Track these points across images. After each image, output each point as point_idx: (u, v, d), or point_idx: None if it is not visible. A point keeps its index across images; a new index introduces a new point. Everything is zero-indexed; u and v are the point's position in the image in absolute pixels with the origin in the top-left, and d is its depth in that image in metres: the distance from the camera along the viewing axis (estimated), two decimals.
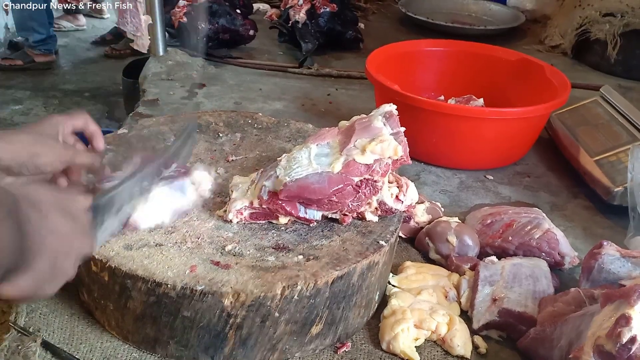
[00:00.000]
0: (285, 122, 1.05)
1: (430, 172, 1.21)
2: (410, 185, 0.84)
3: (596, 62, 1.82)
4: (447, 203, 1.10)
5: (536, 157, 1.30)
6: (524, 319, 0.79)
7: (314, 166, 0.77)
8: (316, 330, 0.73)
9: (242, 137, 1.00)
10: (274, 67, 1.70)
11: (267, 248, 0.75)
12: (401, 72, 1.33)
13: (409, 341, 0.76)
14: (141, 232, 0.74)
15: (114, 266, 0.68)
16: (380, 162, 0.77)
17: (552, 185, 1.21)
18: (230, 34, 1.76)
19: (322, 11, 1.76)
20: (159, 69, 1.61)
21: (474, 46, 1.44)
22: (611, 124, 1.21)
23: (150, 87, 1.52)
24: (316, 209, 0.78)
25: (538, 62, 1.35)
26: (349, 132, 0.81)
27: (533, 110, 1.17)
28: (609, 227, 1.08)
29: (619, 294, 0.65)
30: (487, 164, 1.24)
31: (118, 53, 3.70)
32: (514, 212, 0.97)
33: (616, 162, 1.11)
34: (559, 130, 1.28)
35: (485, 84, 1.38)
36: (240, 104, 1.47)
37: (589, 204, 1.15)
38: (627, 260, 0.80)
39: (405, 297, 0.82)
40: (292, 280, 0.68)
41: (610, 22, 1.74)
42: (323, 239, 0.77)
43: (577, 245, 0.98)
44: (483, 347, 0.78)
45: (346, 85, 1.63)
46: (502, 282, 0.83)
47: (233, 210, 0.78)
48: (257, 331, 0.69)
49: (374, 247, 0.76)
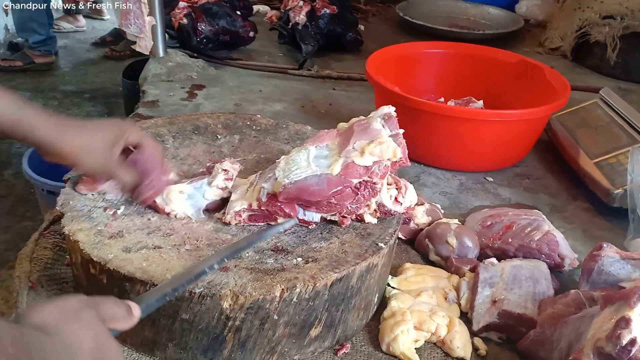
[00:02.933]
0: (284, 124, 1.05)
1: (430, 174, 1.21)
2: (409, 187, 0.84)
3: (596, 65, 1.82)
4: (447, 205, 1.10)
5: (536, 159, 1.30)
6: (524, 321, 0.78)
7: (313, 168, 0.77)
8: (315, 332, 0.73)
9: (241, 139, 1.00)
10: (274, 69, 1.70)
11: (266, 250, 0.74)
12: (401, 74, 1.33)
13: (409, 343, 0.76)
14: (139, 234, 0.74)
15: (113, 269, 0.68)
16: (379, 164, 0.77)
17: (551, 187, 1.21)
18: (230, 36, 1.76)
19: (322, 13, 1.76)
20: (159, 70, 1.61)
21: (474, 48, 1.44)
22: (611, 126, 1.21)
23: (150, 88, 1.52)
24: (315, 211, 0.78)
25: (538, 65, 1.35)
26: (347, 134, 0.81)
27: (533, 112, 1.17)
28: (609, 229, 1.08)
29: (618, 296, 0.65)
30: (487, 166, 1.24)
31: (118, 54, 3.71)
32: (513, 214, 0.97)
33: (616, 164, 1.11)
34: (558, 133, 1.28)
35: (486, 86, 1.38)
36: (240, 105, 1.47)
37: (589, 206, 1.15)
38: (627, 262, 0.80)
39: (404, 298, 0.82)
40: (291, 282, 0.68)
41: (610, 25, 1.74)
42: (322, 241, 0.77)
43: (576, 247, 0.98)
44: (483, 348, 0.78)
45: (346, 87, 1.63)
46: (501, 283, 0.83)
47: (232, 212, 0.78)
48: (255, 334, 0.69)
49: (373, 249, 0.76)
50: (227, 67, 1.70)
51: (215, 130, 1.01)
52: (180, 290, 0.64)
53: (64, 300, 0.52)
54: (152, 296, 0.61)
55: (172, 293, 0.62)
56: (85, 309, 0.52)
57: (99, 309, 0.53)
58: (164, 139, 0.97)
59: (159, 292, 0.62)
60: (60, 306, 0.51)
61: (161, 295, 0.61)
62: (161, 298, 0.61)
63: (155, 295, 0.61)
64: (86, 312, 0.52)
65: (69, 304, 0.52)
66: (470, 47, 1.45)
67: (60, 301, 0.52)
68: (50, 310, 0.50)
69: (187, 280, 0.64)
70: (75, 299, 0.53)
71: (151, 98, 1.47)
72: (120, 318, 0.56)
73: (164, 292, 0.62)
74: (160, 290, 0.62)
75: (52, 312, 0.50)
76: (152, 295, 0.61)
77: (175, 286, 0.63)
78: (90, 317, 0.52)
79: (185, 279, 0.64)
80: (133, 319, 0.57)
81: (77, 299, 0.53)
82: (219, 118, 1.05)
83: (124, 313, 0.56)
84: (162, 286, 0.63)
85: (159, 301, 0.61)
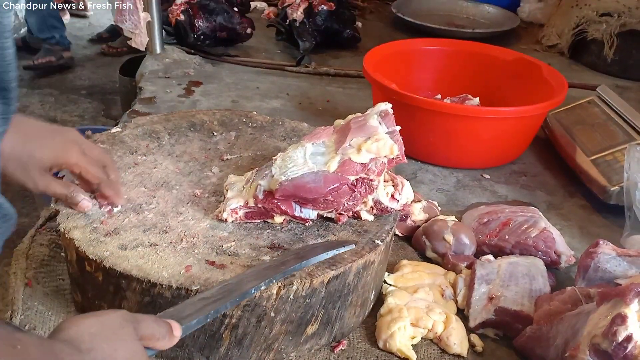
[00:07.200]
0: (281, 121, 1.05)
1: (427, 171, 1.21)
2: (405, 184, 0.83)
3: (593, 62, 1.82)
4: (444, 202, 1.10)
5: (533, 156, 1.30)
6: (520, 318, 0.79)
7: (310, 165, 0.77)
8: (312, 329, 0.73)
9: (237, 135, 1.00)
10: (271, 66, 1.69)
11: (263, 247, 0.74)
12: (398, 71, 1.33)
13: (406, 339, 0.76)
14: (135, 232, 0.74)
15: (108, 266, 0.68)
16: (376, 161, 0.77)
17: (548, 184, 1.21)
18: (227, 32, 1.76)
19: (319, 10, 1.76)
20: (155, 67, 1.61)
21: (471, 45, 1.44)
22: (608, 123, 1.21)
23: (147, 85, 1.51)
24: (312, 208, 0.78)
25: (535, 62, 1.35)
26: (344, 131, 0.81)
27: (530, 109, 1.17)
28: (605, 226, 1.08)
29: (614, 293, 0.65)
30: (484, 163, 1.24)
31: (115, 51, 3.70)
32: (510, 211, 0.97)
33: (612, 161, 1.11)
34: (555, 130, 1.28)
35: (483, 83, 1.38)
36: (238, 102, 1.46)
37: (586, 203, 1.15)
38: (623, 259, 0.80)
39: (401, 295, 0.82)
40: (288, 279, 0.68)
41: (607, 22, 1.74)
42: (318, 238, 0.77)
43: (573, 244, 0.98)
44: (479, 345, 0.78)
45: (343, 84, 1.62)
46: (498, 280, 0.83)
47: (228, 209, 0.77)
48: (252, 331, 0.69)
49: (370, 246, 0.76)
50: (224, 64, 1.69)
51: (211, 127, 1.01)
52: (222, 310, 0.60)
53: (105, 314, 0.51)
54: (193, 315, 0.57)
55: (214, 314, 0.59)
56: (124, 326, 0.50)
57: (139, 326, 0.52)
58: (160, 135, 0.96)
59: (200, 312, 0.58)
60: (100, 321, 0.50)
61: (203, 315, 0.58)
62: (202, 319, 0.57)
63: (197, 315, 0.57)
64: (124, 330, 0.50)
65: (109, 319, 0.50)
66: (467, 44, 1.45)
67: (101, 315, 0.51)
68: (88, 325, 0.49)
69: (232, 302, 0.61)
70: (117, 314, 0.51)
71: (148, 95, 1.46)
72: (160, 337, 0.53)
73: (205, 313, 0.58)
74: (202, 311, 0.58)
75: (90, 326, 0.49)
76: (193, 313, 0.57)
77: (218, 307, 0.59)
78: (127, 335, 0.50)
79: (229, 300, 0.60)
80: (173, 339, 0.54)
81: (119, 314, 0.51)
82: (215, 115, 1.04)
83: (164, 332, 0.53)
84: (203, 304, 0.59)
85: (200, 322, 0.57)
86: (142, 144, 0.93)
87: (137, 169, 0.87)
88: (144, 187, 0.83)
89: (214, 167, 0.90)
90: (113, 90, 3.12)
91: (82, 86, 3.43)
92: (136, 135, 0.95)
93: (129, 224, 0.75)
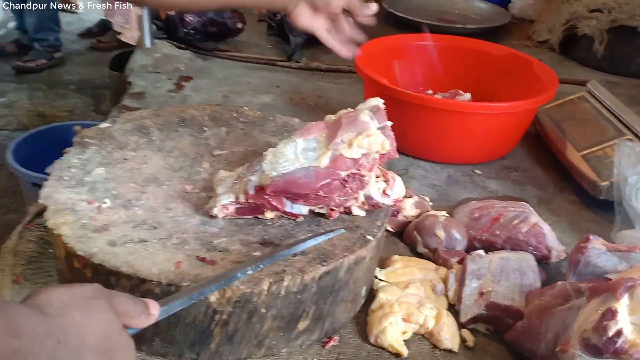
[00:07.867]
0: (271, 116, 1.04)
1: (418, 167, 1.21)
2: (397, 180, 0.83)
3: (583, 58, 1.82)
4: (435, 197, 1.10)
5: (524, 152, 1.31)
6: (511, 313, 0.79)
7: (301, 161, 0.76)
8: (303, 325, 0.73)
9: (228, 131, 0.99)
10: (262, 61, 1.69)
11: (254, 243, 0.74)
12: (390, 66, 1.32)
13: (397, 335, 0.76)
14: (125, 228, 0.73)
15: (97, 263, 0.67)
16: (367, 156, 0.77)
17: (539, 179, 1.22)
18: (218, 27, 1.75)
19: None
20: (145, 62, 1.59)
21: (462, 41, 1.44)
22: (598, 118, 1.22)
23: (136, 79, 1.50)
24: (303, 203, 0.78)
25: (526, 57, 1.35)
26: (335, 127, 0.80)
27: (520, 104, 1.17)
28: (596, 221, 1.08)
29: (605, 288, 0.65)
30: (475, 159, 1.24)
31: (104, 45, 3.67)
32: (501, 206, 0.97)
33: (603, 156, 1.12)
34: (546, 125, 1.29)
35: (474, 79, 1.38)
36: (229, 97, 1.46)
37: (576, 198, 1.15)
38: (614, 254, 0.80)
39: (393, 290, 0.82)
40: (279, 275, 0.67)
41: (598, 18, 1.74)
42: (310, 234, 0.76)
43: (564, 239, 0.99)
44: (470, 340, 0.78)
45: (335, 79, 1.62)
46: (489, 275, 0.83)
47: (219, 205, 0.77)
48: (243, 327, 0.69)
49: (361, 241, 0.75)
50: (214, 59, 1.68)
51: (201, 122, 1.00)
52: (207, 293, 0.60)
53: (78, 285, 0.48)
54: (176, 297, 0.57)
55: (198, 295, 0.58)
56: (98, 297, 0.47)
57: (113, 300, 0.49)
58: (150, 131, 0.96)
59: (183, 294, 0.57)
60: (72, 291, 0.46)
61: (186, 297, 0.57)
62: (185, 300, 0.57)
63: (179, 297, 0.57)
64: (98, 300, 0.47)
65: (82, 290, 0.47)
66: (458, 39, 1.45)
67: (74, 286, 0.48)
68: (58, 293, 0.46)
69: (217, 285, 0.60)
70: (91, 286, 0.48)
71: (138, 89, 1.45)
72: (135, 315, 0.51)
73: (189, 295, 0.57)
74: (185, 293, 0.58)
75: (60, 294, 0.45)
76: (176, 296, 0.57)
77: (202, 289, 0.59)
78: (101, 306, 0.47)
79: (215, 283, 0.60)
80: (151, 318, 0.52)
81: (92, 287, 0.48)
82: (206, 110, 1.03)
83: (139, 310, 0.51)
84: (188, 289, 0.59)
85: (183, 303, 0.57)
86: (131, 139, 0.93)
87: (127, 164, 0.86)
88: (134, 182, 0.82)
89: (205, 163, 0.90)
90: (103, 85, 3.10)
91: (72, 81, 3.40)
92: (126, 130, 0.94)
93: (119, 220, 0.75)
